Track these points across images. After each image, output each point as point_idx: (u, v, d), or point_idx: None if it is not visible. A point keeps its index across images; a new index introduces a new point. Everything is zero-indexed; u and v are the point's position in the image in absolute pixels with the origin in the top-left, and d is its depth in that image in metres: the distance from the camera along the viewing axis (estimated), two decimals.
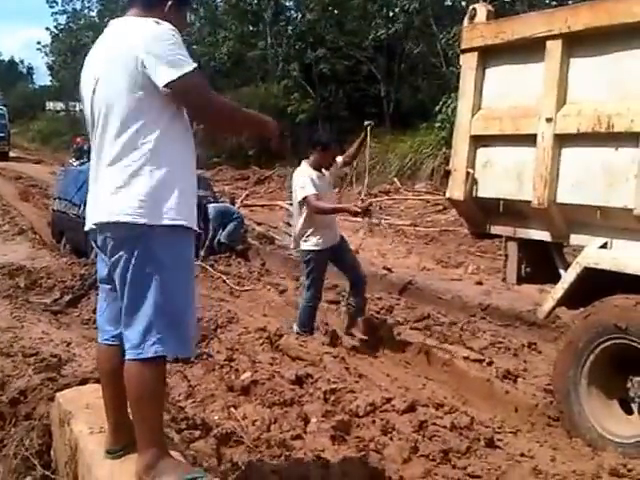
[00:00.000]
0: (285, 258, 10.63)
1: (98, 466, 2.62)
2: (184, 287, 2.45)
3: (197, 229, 2.56)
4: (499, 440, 3.87)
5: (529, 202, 4.44)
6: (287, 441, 3.49)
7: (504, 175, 4.71)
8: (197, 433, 3.28)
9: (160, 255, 2.37)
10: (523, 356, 6.06)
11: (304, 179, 5.89)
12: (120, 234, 2.39)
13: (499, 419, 4.30)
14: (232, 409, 3.83)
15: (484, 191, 4.88)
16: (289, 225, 13.18)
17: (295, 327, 6.08)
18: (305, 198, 5.84)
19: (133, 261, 2.37)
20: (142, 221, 2.34)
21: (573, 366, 4.12)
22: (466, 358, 5.75)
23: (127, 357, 2.41)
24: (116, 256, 2.41)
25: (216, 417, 3.71)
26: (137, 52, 2.36)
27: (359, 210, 5.97)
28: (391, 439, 3.81)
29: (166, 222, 2.36)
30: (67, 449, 2.94)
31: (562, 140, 4.27)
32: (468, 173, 4.90)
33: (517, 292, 7.53)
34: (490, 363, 5.70)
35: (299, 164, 6.18)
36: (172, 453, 2.61)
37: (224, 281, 8.50)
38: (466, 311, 7.33)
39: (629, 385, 3.95)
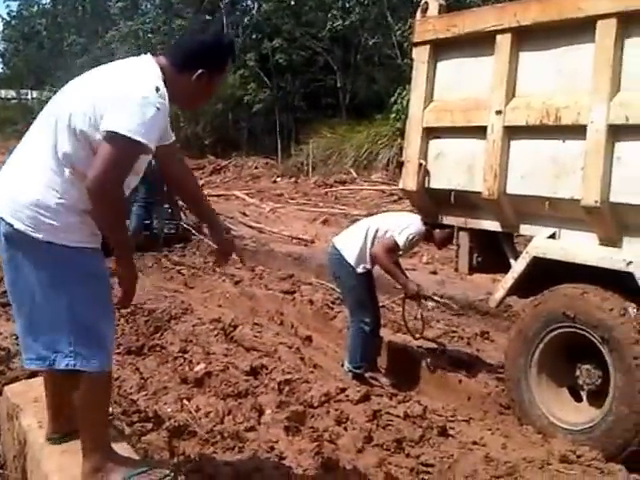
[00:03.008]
0: (241, 248, 10.57)
1: (47, 460, 2.58)
2: (92, 301, 2.39)
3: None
4: (452, 429, 3.91)
5: (479, 193, 4.50)
6: (241, 433, 3.46)
7: (455, 166, 4.77)
8: (149, 426, 3.24)
9: (63, 268, 2.33)
10: (476, 345, 6.14)
11: (416, 235, 5.23)
12: (20, 237, 2.33)
13: (452, 408, 4.34)
14: (185, 401, 3.78)
15: (436, 182, 4.92)
16: (245, 215, 13.14)
17: (346, 364, 5.39)
18: (394, 242, 5.20)
19: (35, 271, 2.34)
20: (40, 236, 2.31)
21: (523, 354, 4.19)
22: (420, 348, 5.79)
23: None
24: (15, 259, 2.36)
25: (169, 409, 3.66)
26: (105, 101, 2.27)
27: (417, 294, 5.47)
28: (345, 429, 3.82)
29: (65, 243, 2.33)
30: (15, 443, 2.88)
31: (511, 132, 4.33)
32: (420, 164, 4.94)
33: (470, 282, 7.62)
34: (443, 352, 5.76)
35: (255, 153, 6.00)
36: (121, 448, 2.57)
37: (178, 272, 8.40)
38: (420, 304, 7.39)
39: (578, 373, 4.03)
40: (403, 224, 5.26)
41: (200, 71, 2.41)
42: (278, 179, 19.23)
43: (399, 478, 3.17)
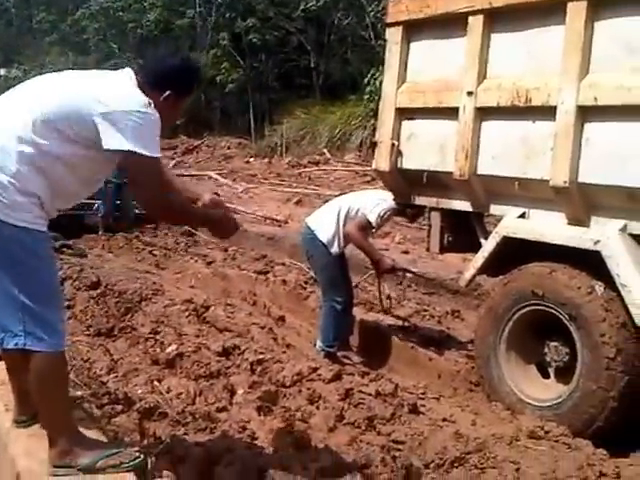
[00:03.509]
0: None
1: (14, 443, 2.54)
2: (40, 281, 2.36)
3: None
4: (422, 406, 3.96)
5: (451, 173, 4.53)
6: (212, 413, 3.46)
7: (427, 147, 4.78)
8: (119, 408, 3.21)
9: (11, 248, 2.31)
10: (447, 323, 6.20)
11: (387, 211, 5.27)
12: None
13: (423, 385, 4.39)
14: (156, 383, 3.76)
15: (408, 162, 4.94)
16: (218, 195, 13.05)
17: (319, 343, 5.41)
18: (366, 220, 5.23)
19: None
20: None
21: (493, 332, 4.25)
22: (391, 326, 5.83)
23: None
24: None
25: (139, 391, 3.63)
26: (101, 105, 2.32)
27: (393, 268, 5.55)
28: (317, 408, 3.84)
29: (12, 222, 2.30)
30: None
31: (483, 113, 4.36)
32: (393, 145, 4.95)
33: (442, 261, 7.71)
34: (414, 330, 5.80)
35: (228, 133, 5.96)
36: (90, 431, 2.55)
37: (150, 252, 8.33)
38: (393, 280, 7.43)
39: (546, 350, 4.09)
40: (374, 201, 5.28)
41: (168, 92, 2.49)
42: (251, 159, 19.13)
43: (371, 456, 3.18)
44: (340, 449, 3.32)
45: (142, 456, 2.38)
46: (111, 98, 2.34)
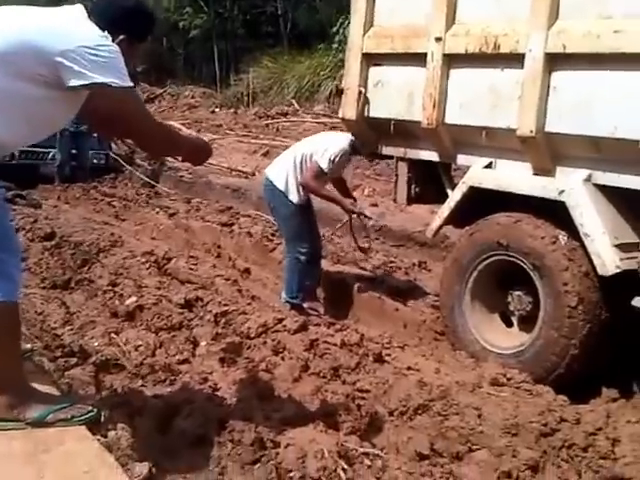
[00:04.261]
0: (177, 180, 10.35)
1: None
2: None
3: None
4: (387, 355, 3.94)
5: (418, 123, 4.44)
6: (173, 365, 3.39)
7: (395, 95, 4.69)
8: (74, 360, 3.12)
9: None
10: (413, 274, 6.19)
11: (340, 155, 5.08)
12: None
13: (388, 335, 4.37)
14: (113, 335, 3.67)
15: (376, 111, 4.84)
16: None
17: (283, 295, 5.38)
18: (318, 167, 5.08)
19: None
20: None
21: (457, 282, 4.24)
22: (358, 278, 5.80)
23: None
24: None
25: (96, 344, 3.54)
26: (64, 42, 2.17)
27: (355, 211, 5.47)
28: (282, 359, 3.79)
29: None
30: None
31: (451, 60, 4.27)
32: (360, 92, 4.84)
33: (410, 213, 7.67)
34: (382, 281, 5.78)
35: (192, 82, 5.72)
36: (40, 385, 2.47)
37: (109, 204, 8.14)
38: (360, 233, 7.38)
39: (509, 299, 4.11)
40: (325, 146, 5.16)
41: (121, 37, 2.36)
42: (217, 110, 18.74)
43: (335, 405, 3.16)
44: (305, 399, 3.29)
45: (95, 410, 2.30)
46: (70, 34, 2.19)
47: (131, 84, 2.23)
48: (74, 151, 9.51)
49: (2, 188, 2.39)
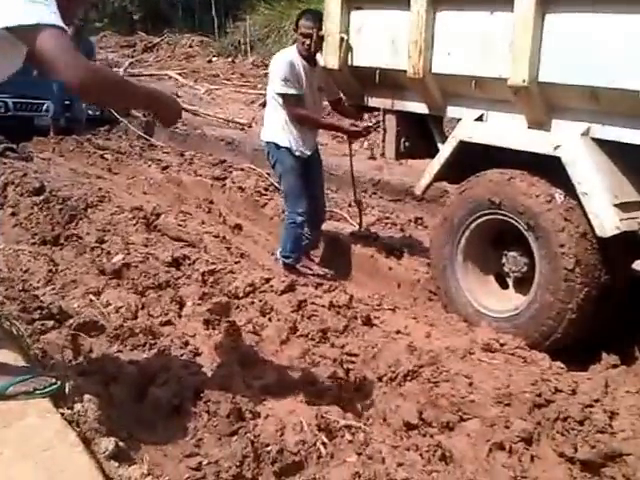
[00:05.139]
0: (172, 132, 10.11)
1: None
2: None
3: None
4: (376, 318, 3.84)
5: (405, 72, 4.20)
6: (154, 327, 3.28)
7: (379, 42, 4.40)
8: (51, 323, 3.00)
9: None
10: (409, 231, 6.05)
11: (287, 69, 4.73)
12: None
13: (378, 297, 4.26)
14: (92, 297, 3.55)
15: (359, 59, 4.58)
16: (178, 96, 12.50)
17: (277, 253, 5.19)
18: (284, 96, 4.81)
19: None
20: None
21: (449, 242, 4.08)
22: (352, 234, 5.66)
23: None
24: None
25: (75, 305, 3.43)
26: None
27: (359, 131, 5.08)
28: (270, 320, 3.70)
29: None
30: None
31: (437, 3, 3.99)
32: (342, 39, 4.56)
33: (409, 167, 7.47)
34: (376, 239, 5.64)
35: (189, 31, 5.41)
36: (6, 353, 2.35)
37: (102, 156, 7.96)
38: (358, 187, 7.22)
39: (504, 260, 3.95)
40: (271, 75, 4.95)
41: None
42: (214, 59, 18.25)
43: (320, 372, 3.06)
44: (290, 364, 3.20)
45: (58, 382, 2.18)
46: None
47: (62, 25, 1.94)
48: (67, 102, 9.27)
49: None
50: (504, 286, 4.03)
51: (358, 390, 3.03)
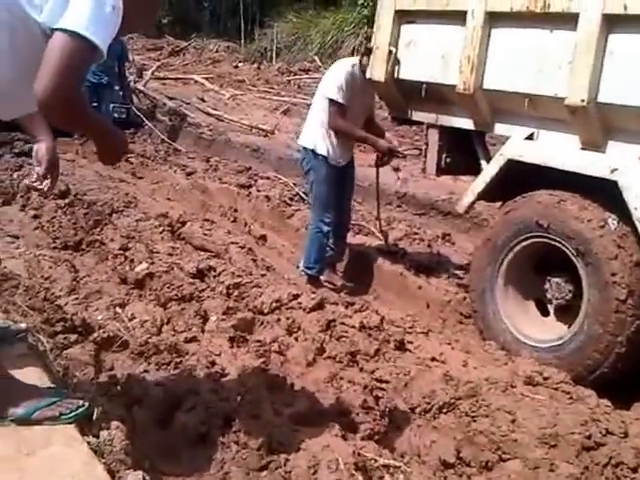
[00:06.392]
0: (197, 137, 10.02)
1: None
2: None
3: None
4: (409, 342, 3.66)
5: (454, 87, 4.11)
6: (179, 344, 3.13)
7: (429, 56, 4.34)
8: (74, 337, 2.86)
9: None
10: (437, 247, 5.87)
11: (347, 78, 4.70)
12: None
13: (410, 319, 4.08)
14: (118, 308, 3.41)
15: (407, 73, 4.51)
16: (203, 101, 12.41)
17: (301, 264, 5.07)
18: (331, 102, 4.74)
19: None
20: None
21: (490, 264, 3.92)
22: (379, 250, 5.49)
23: None
24: None
25: (100, 317, 3.29)
26: None
27: (391, 149, 4.92)
28: (296, 339, 3.55)
29: None
30: None
31: (493, 19, 3.91)
32: (390, 52, 4.50)
33: (434, 180, 7.31)
34: (403, 255, 5.48)
35: (216, 36, 5.36)
36: (30, 370, 2.20)
37: (127, 160, 7.85)
38: (382, 199, 7.07)
39: (547, 286, 3.78)
40: (328, 78, 4.87)
41: None
42: (240, 64, 18.24)
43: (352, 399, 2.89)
44: (319, 386, 3.04)
45: (86, 405, 2.03)
46: None
47: (96, 43, 1.80)
48: (94, 104, 9.19)
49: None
50: (544, 313, 3.85)
51: (391, 422, 2.84)
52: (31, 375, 2.21)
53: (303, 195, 6.85)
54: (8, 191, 5.81)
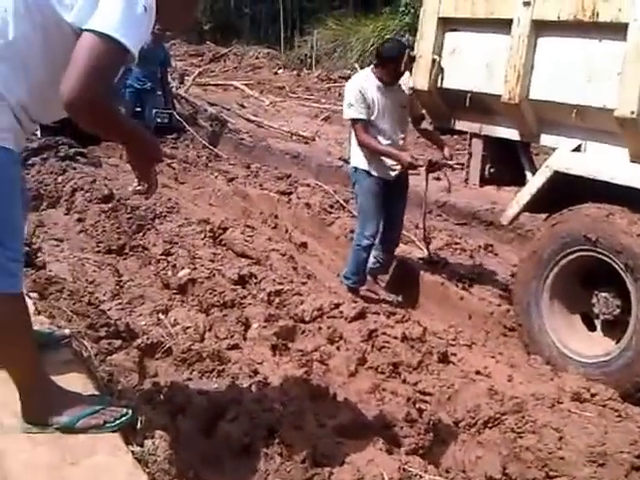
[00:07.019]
0: (238, 143, 10.10)
1: None
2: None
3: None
4: (453, 355, 3.62)
5: (499, 96, 4.05)
6: (222, 352, 3.14)
7: (473, 65, 4.28)
8: (118, 343, 2.89)
9: None
10: (479, 258, 5.80)
11: (355, 93, 4.66)
12: None
13: (454, 330, 4.03)
14: (161, 315, 3.43)
15: (450, 82, 4.45)
16: (243, 107, 12.51)
17: (342, 275, 5.03)
18: (351, 121, 4.74)
19: None
20: None
21: (536, 277, 3.85)
22: (420, 260, 5.44)
23: None
24: None
25: (143, 323, 3.32)
26: None
27: (415, 164, 4.76)
28: (338, 349, 3.53)
29: None
30: None
31: (540, 28, 3.84)
32: (434, 60, 4.45)
33: (475, 190, 7.23)
34: (445, 266, 5.42)
35: (257, 42, 5.37)
36: (74, 376, 2.22)
37: (169, 165, 7.93)
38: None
39: (594, 301, 3.69)
40: (345, 96, 4.79)
41: None
42: (280, 71, 18.36)
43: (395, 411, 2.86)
44: (361, 397, 3.03)
45: (130, 413, 2.02)
46: None
47: (126, 45, 1.77)
48: (137, 109, 9.32)
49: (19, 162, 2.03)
50: (591, 328, 3.77)
51: (435, 436, 2.80)
52: (75, 381, 2.23)
53: (343, 203, 6.84)
54: (53, 195, 5.92)
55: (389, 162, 4.80)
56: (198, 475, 2.16)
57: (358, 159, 4.82)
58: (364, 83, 4.70)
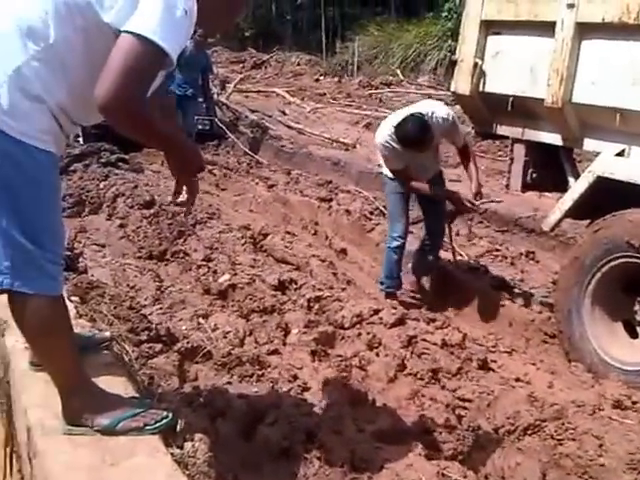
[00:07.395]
0: (278, 150, 10.16)
1: (29, 390, 2.21)
2: (39, 213, 1.89)
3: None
4: (493, 361, 3.60)
5: (542, 100, 4.02)
6: (262, 357, 3.17)
7: (516, 68, 4.26)
8: (158, 347, 2.94)
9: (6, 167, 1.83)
10: (520, 265, 5.74)
11: (380, 153, 4.80)
12: None
13: (493, 337, 4.00)
14: (201, 319, 3.48)
15: (492, 85, 4.43)
16: (284, 114, 12.59)
17: (378, 281, 5.05)
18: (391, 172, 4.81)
19: None
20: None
21: (577, 284, 3.80)
22: (461, 267, 5.41)
23: None
24: None
25: (184, 327, 3.37)
26: None
27: (440, 195, 4.81)
28: (377, 355, 3.54)
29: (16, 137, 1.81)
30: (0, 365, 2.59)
31: (584, 30, 3.80)
32: (476, 64, 4.44)
33: (517, 196, 7.16)
34: (486, 272, 5.38)
35: (298, 49, 5.37)
36: (115, 379, 2.27)
37: (210, 172, 8.03)
38: (464, 215, 6.96)
39: (636, 307, 3.65)
40: (379, 131, 4.78)
41: None
42: (321, 77, 18.41)
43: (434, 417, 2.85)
44: (400, 403, 3.02)
45: (170, 416, 2.05)
46: None
47: (165, 48, 1.74)
48: (180, 115, 9.46)
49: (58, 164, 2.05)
50: (633, 335, 3.71)
51: (475, 442, 2.79)
52: (116, 384, 2.26)
53: (383, 209, 6.83)
54: (95, 200, 6.04)
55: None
56: (237, 478, 2.19)
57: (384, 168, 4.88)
58: (389, 139, 4.59)
